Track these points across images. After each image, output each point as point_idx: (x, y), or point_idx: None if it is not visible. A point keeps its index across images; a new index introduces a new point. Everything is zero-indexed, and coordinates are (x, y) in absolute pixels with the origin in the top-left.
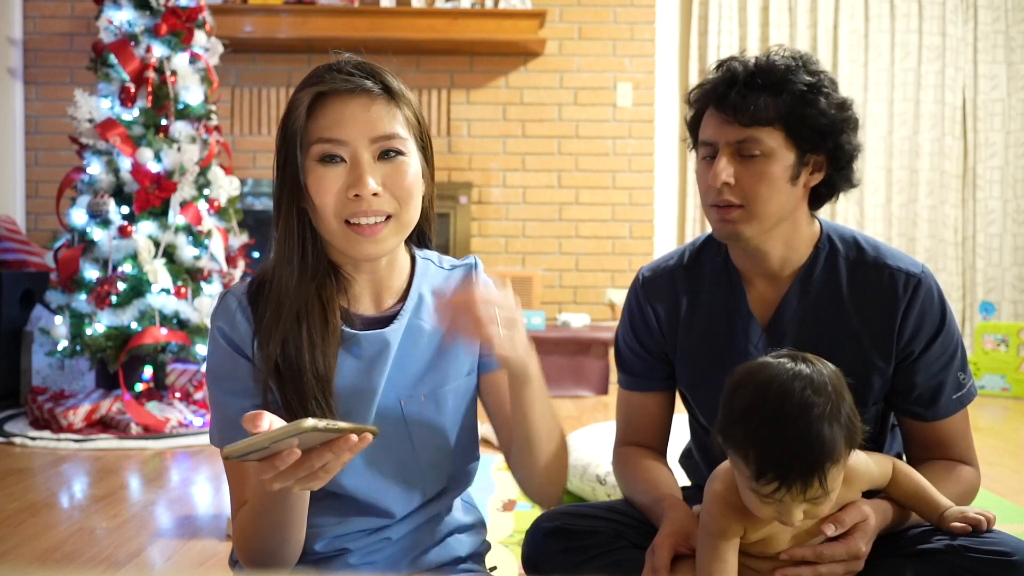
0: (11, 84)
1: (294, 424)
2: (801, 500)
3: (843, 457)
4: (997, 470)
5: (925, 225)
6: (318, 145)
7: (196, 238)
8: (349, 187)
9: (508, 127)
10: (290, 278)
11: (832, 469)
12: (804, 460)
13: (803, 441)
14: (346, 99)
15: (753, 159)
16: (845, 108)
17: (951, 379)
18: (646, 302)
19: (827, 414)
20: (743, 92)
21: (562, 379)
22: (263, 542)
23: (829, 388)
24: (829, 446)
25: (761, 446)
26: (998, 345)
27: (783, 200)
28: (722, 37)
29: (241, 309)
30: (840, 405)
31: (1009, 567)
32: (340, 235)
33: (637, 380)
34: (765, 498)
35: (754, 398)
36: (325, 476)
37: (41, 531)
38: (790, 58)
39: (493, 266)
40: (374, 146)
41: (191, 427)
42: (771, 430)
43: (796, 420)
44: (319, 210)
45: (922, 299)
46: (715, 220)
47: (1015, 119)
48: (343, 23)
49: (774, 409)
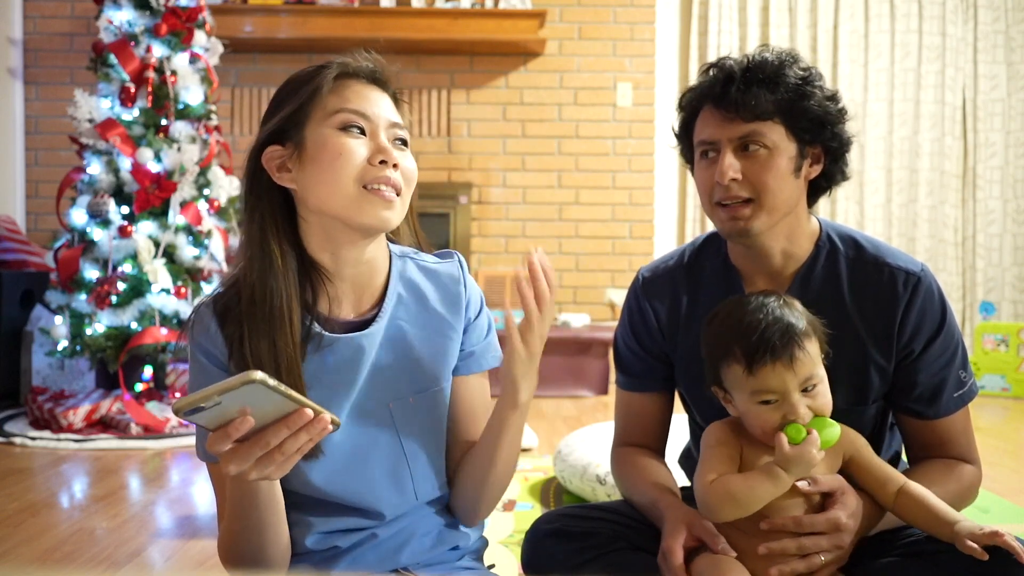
0: (11, 84)
1: (243, 374)
2: (794, 381)
3: (813, 337)
4: (997, 470)
5: (925, 225)
6: (342, 114)
7: (196, 238)
8: (375, 153)
9: (508, 127)
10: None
11: (807, 342)
12: (781, 331)
13: (774, 319)
14: (368, 85)
15: (757, 153)
16: (836, 100)
17: (952, 377)
18: (646, 302)
19: (784, 304)
20: (742, 87)
21: (562, 379)
22: (243, 547)
23: (785, 299)
24: (796, 322)
25: (743, 335)
26: (998, 345)
27: (789, 192)
28: (722, 37)
29: (213, 316)
30: (795, 308)
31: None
32: (355, 199)
33: (636, 380)
34: (765, 397)
35: (726, 314)
36: (283, 461)
37: (41, 531)
38: (779, 54)
39: (493, 266)
40: (390, 131)
41: (191, 427)
42: (747, 321)
43: (762, 308)
44: (339, 172)
45: (922, 297)
46: (723, 218)
47: (1015, 119)
48: (343, 23)
49: (743, 310)
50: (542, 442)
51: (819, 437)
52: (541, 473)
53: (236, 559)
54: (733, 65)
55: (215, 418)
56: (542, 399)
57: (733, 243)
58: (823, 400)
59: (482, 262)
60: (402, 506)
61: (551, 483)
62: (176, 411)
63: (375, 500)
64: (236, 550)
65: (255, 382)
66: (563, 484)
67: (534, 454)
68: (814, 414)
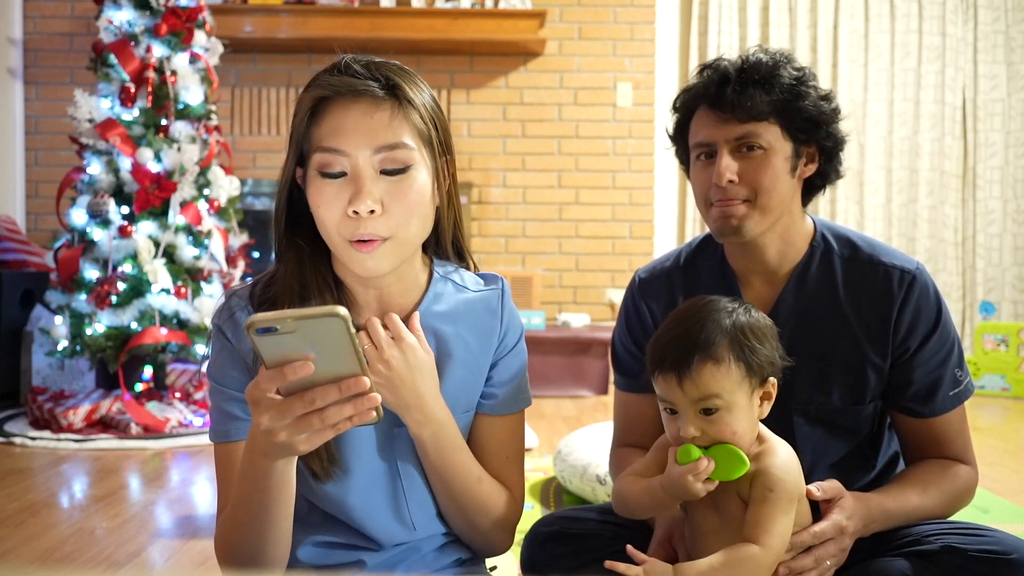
0: (11, 84)
1: (327, 307)
2: (684, 399)
3: (724, 360)
4: (997, 470)
5: (925, 225)
6: (318, 155)
7: (196, 238)
8: (349, 203)
9: (508, 127)
10: (290, 290)
11: (710, 364)
12: (684, 344)
13: (685, 330)
14: (349, 104)
15: (754, 154)
16: (830, 99)
17: (948, 375)
18: (642, 303)
19: (715, 315)
20: (738, 88)
21: (562, 379)
22: (243, 540)
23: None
24: (711, 339)
25: (656, 337)
26: (998, 345)
27: (785, 191)
28: (722, 37)
29: (244, 311)
30: (736, 316)
31: (1007, 566)
32: (342, 251)
33: (634, 381)
34: (665, 404)
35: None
36: (319, 429)
37: (41, 531)
38: (772, 55)
39: (493, 266)
40: (377, 156)
41: (191, 427)
42: (665, 325)
43: (688, 316)
44: (321, 224)
45: (917, 295)
46: (717, 218)
47: (1015, 119)
48: (343, 23)
49: (675, 313)
50: (542, 442)
51: (711, 467)
52: (541, 473)
53: (232, 552)
54: (728, 66)
55: (278, 349)
56: (542, 399)
57: (727, 243)
58: (724, 429)
59: (482, 262)
60: (400, 536)
61: (551, 483)
62: (249, 325)
63: (376, 528)
64: (235, 542)
65: (338, 317)
66: (563, 484)
67: (534, 454)
68: (716, 440)
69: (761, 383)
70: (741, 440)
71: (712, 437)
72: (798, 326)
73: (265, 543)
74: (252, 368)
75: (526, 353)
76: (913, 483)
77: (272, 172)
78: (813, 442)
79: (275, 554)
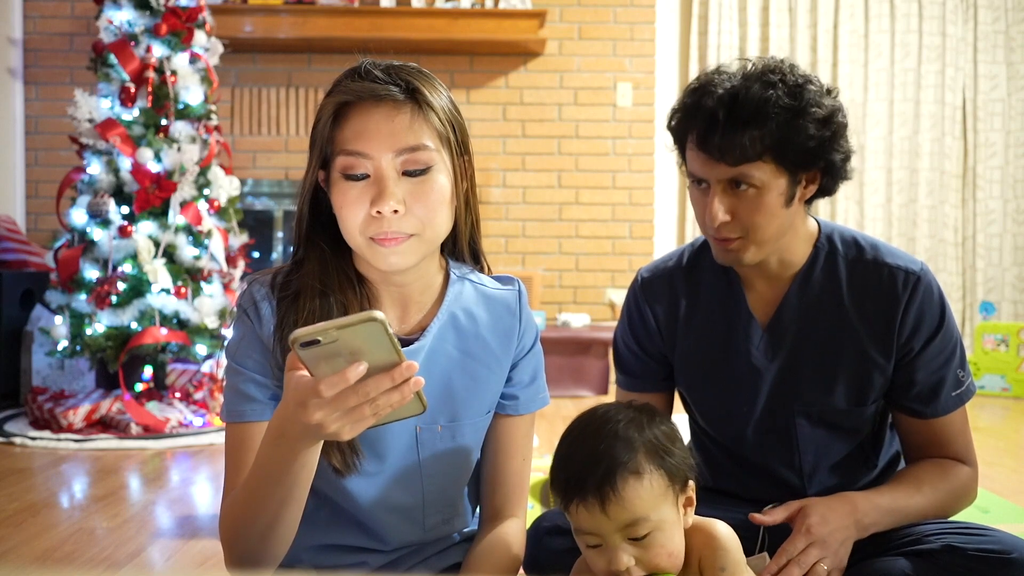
0: (11, 84)
1: (364, 313)
2: (610, 526)
3: (645, 472)
4: (997, 470)
5: (925, 225)
6: (342, 158)
7: (196, 238)
8: (372, 203)
9: (508, 127)
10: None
11: (632, 481)
12: (595, 467)
13: (590, 452)
14: (370, 108)
15: (746, 192)
16: (831, 122)
17: (951, 376)
18: (645, 303)
19: (619, 428)
20: (726, 133)
21: (562, 379)
22: (252, 522)
23: (636, 416)
24: (621, 456)
25: (558, 467)
26: (998, 345)
27: (780, 223)
28: (722, 37)
29: (266, 300)
30: (646, 425)
31: (1007, 566)
32: (365, 249)
33: (636, 381)
34: (587, 540)
35: (564, 435)
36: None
37: (41, 531)
38: (767, 75)
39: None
40: (399, 159)
41: (191, 427)
42: (564, 452)
43: (590, 433)
44: (344, 225)
45: (921, 296)
46: (716, 249)
47: (1015, 119)
48: (343, 23)
49: (570, 435)
50: (542, 442)
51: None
52: (541, 473)
53: (241, 531)
54: (712, 105)
55: (323, 358)
56: None
57: None
58: (660, 552)
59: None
60: (409, 536)
61: None
62: (292, 341)
63: (384, 525)
64: (246, 521)
65: (376, 321)
66: None
67: (534, 454)
68: (652, 569)
69: (683, 488)
70: (678, 560)
71: (648, 564)
72: (802, 327)
73: (278, 525)
74: (274, 355)
75: (542, 353)
76: (909, 481)
77: (272, 172)
78: (815, 443)
79: (284, 536)
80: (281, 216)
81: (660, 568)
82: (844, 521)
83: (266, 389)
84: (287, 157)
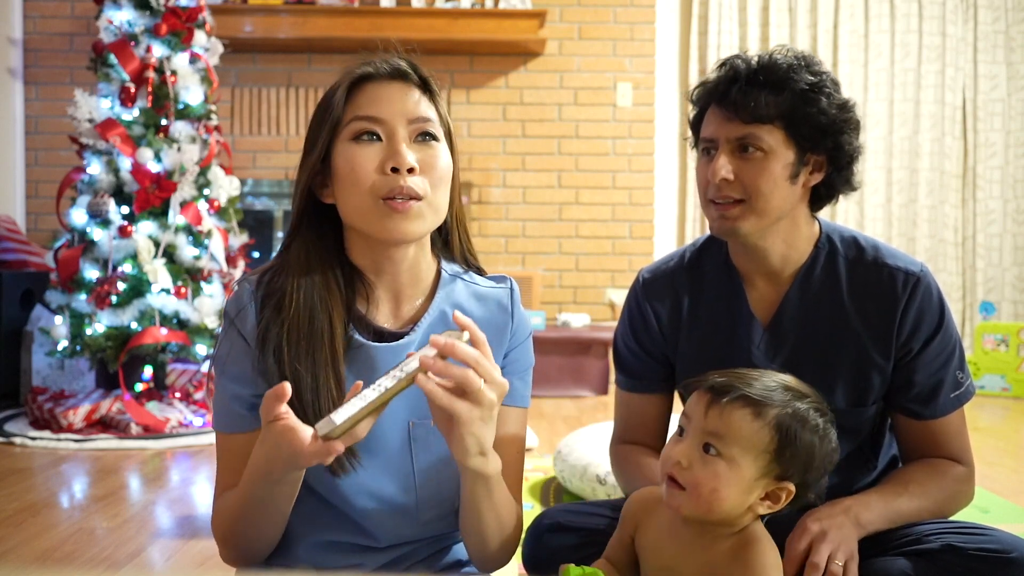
0: (11, 84)
1: (406, 376)
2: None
3: (759, 417)
4: (997, 470)
5: (925, 225)
6: (354, 123)
7: (196, 238)
8: (386, 160)
9: (508, 127)
10: (298, 284)
11: (745, 408)
12: (736, 376)
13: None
14: (386, 82)
15: (752, 156)
16: (846, 109)
17: (950, 377)
18: (647, 303)
19: (796, 394)
20: (744, 89)
21: (562, 379)
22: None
23: (815, 407)
24: (761, 392)
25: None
26: (998, 345)
27: (782, 197)
28: (722, 37)
29: (252, 301)
30: (808, 416)
31: (1007, 565)
32: (374, 214)
33: (636, 381)
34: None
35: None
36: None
37: (41, 531)
38: (793, 58)
39: (493, 266)
40: (411, 127)
41: (191, 427)
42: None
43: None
44: (353, 187)
45: (921, 297)
46: (714, 216)
47: (1015, 119)
48: (343, 23)
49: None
50: (542, 442)
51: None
52: (541, 473)
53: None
54: (741, 64)
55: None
56: (542, 399)
57: (728, 240)
58: (706, 475)
59: (482, 262)
60: (405, 534)
61: (551, 483)
62: (326, 436)
63: (379, 523)
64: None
65: (415, 383)
66: (563, 484)
67: (534, 454)
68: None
69: (779, 476)
70: (716, 506)
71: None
72: (803, 327)
73: (268, 526)
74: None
75: (533, 354)
76: (901, 481)
77: (272, 172)
78: None
79: (273, 535)
80: (281, 216)
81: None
82: (834, 510)
83: (253, 400)
84: (287, 157)
